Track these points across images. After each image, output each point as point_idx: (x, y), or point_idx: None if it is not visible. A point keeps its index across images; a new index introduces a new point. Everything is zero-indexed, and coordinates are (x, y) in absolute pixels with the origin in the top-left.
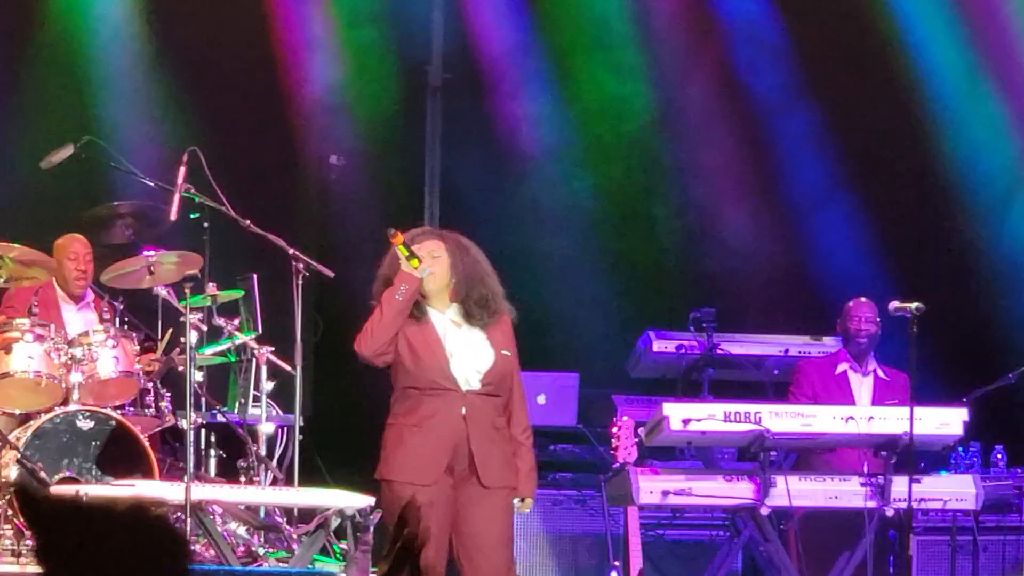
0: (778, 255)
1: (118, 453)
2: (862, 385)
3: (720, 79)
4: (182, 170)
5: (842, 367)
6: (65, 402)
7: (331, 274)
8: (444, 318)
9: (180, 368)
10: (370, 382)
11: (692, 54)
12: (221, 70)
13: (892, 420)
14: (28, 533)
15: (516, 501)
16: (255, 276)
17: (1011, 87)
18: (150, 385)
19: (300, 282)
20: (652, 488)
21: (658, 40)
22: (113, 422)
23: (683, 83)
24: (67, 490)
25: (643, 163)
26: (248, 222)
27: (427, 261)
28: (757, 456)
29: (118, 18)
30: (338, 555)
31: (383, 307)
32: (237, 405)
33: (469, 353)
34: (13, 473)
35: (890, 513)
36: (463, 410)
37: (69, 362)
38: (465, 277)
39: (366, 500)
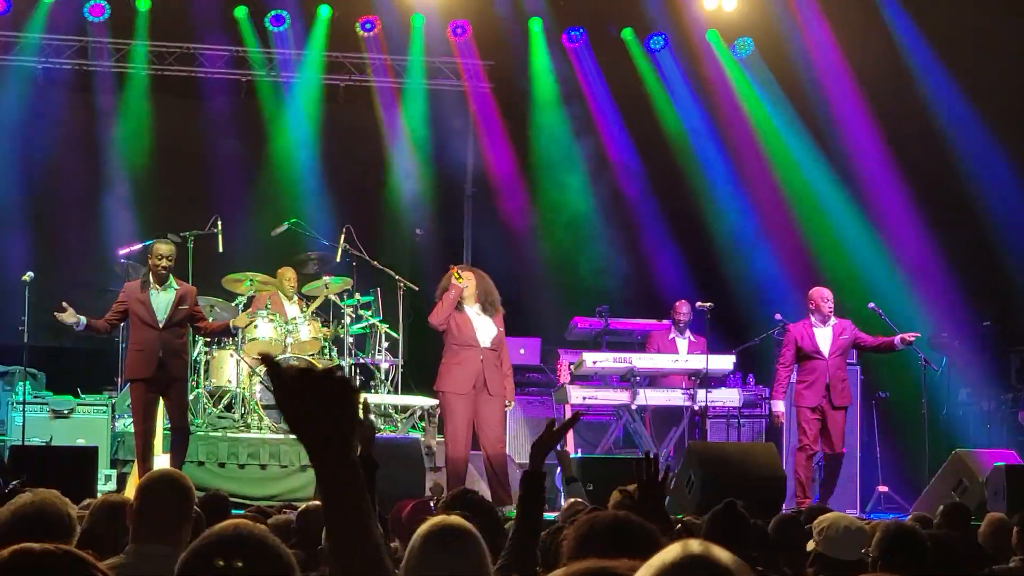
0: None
1: None
2: (685, 343)
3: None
4: (342, 235)
5: (672, 335)
6: (283, 352)
7: (416, 288)
8: (471, 310)
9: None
10: (432, 342)
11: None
12: (357, 181)
13: (697, 360)
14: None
15: (506, 403)
16: (378, 289)
17: None
18: (327, 343)
19: (401, 292)
20: (577, 395)
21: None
22: (307, 362)
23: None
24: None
25: (585, 234)
26: (375, 261)
27: (466, 280)
28: (629, 379)
29: (309, 156)
30: (420, 428)
31: (443, 302)
32: (371, 354)
33: (484, 328)
34: (257, 389)
35: (697, 408)
36: (480, 357)
37: (285, 332)
38: (482, 291)
39: (433, 401)
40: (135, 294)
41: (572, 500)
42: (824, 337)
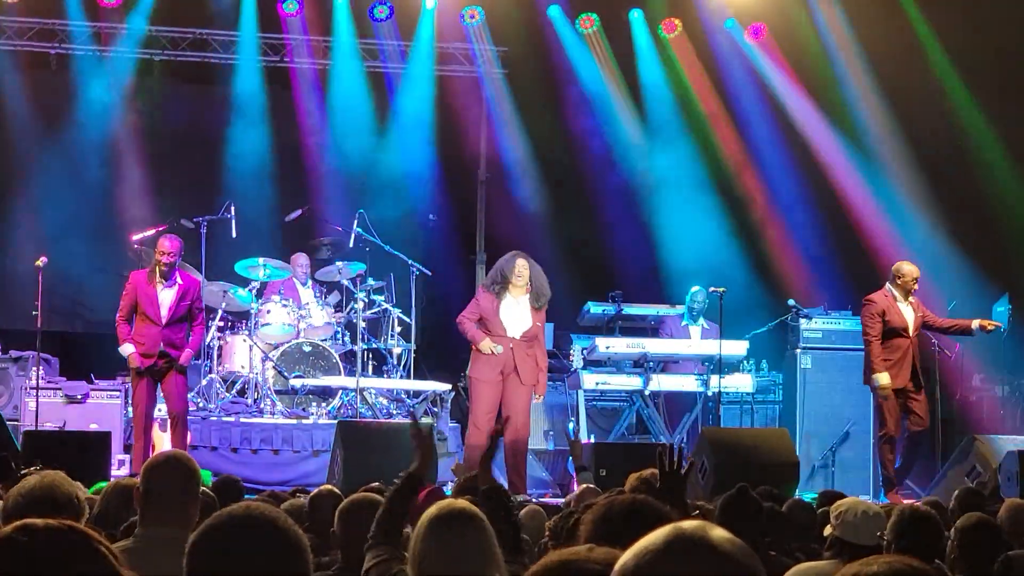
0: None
1: (322, 362)
2: (698, 330)
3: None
4: (355, 221)
5: (684, 322)
6: (297, 336)
7: (430, 273)
8: (513, 300)
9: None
10: (445, 327)
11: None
12: (370, 167)
13: (710, 346)
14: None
15: (535, 395)
16: (392, 274)
17: None
18: (340, 327)
19: (414, 278)
20: (590, 380)
21: None
22: (320, 347)
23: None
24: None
25: (599, 219)
26: (388, 247)
27: (520, 270)
28: (642, 365)
29: (321, 142)
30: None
31: (471, 335)
32: (384, 339)
33: (517, 320)
34: (270, 375)
35: (710, 393)
36: (511, 346)
37: (299, 316)
38: (536, 284)
39: (446, 386)
40: (142, 286)
41: (584, 486)
42: (908, 313)
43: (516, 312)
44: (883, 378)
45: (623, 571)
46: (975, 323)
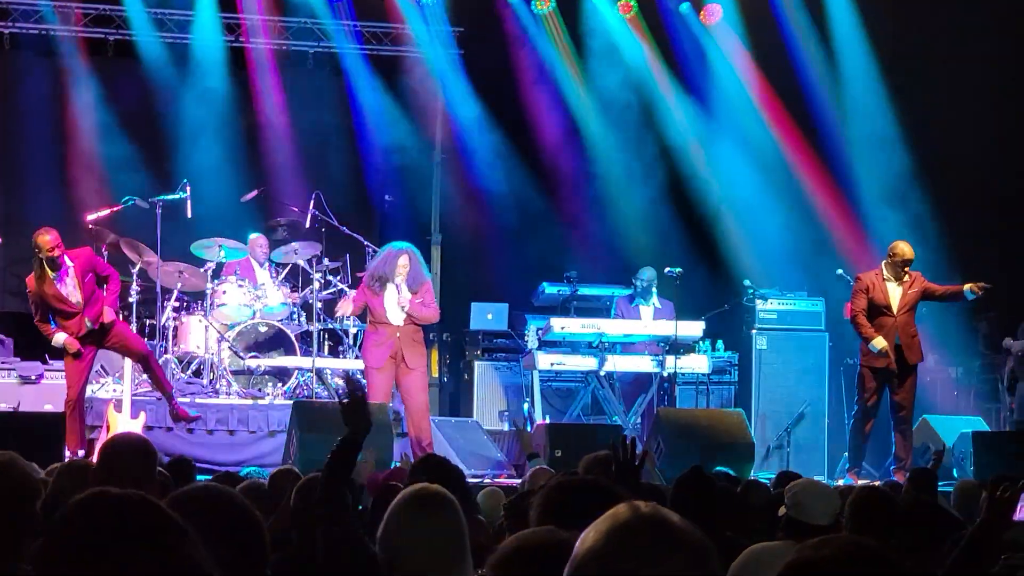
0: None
1: (278, 343)
2: (650, 310)
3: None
4: (311, 202)
5: (636, 302)
6: (253, 316)
7: None
8: (392, 290)
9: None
10: None
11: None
12: (326, 148)
13: (666, 327)
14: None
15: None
16: (348, 255)
17: None
18: (296, 308)
19: (370, 258)
20: (545, 361)
21: None
22: (276, 327)
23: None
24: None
25: (555, 199)
26: (344, 227)
27: (400, 267)
28: (597, 345)
29: (278, 122)
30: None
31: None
32: (340, 319)
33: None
34: (226, 355)
35: (666, 374)
36: (397, 334)
37: (255, 296)
38: (411, 278)
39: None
40: (40, 289)
41: (537, 467)
42: (895, 293)
43: (396, 300)
44: (879, 342)
45: (586, 551)
46: (966, 287)
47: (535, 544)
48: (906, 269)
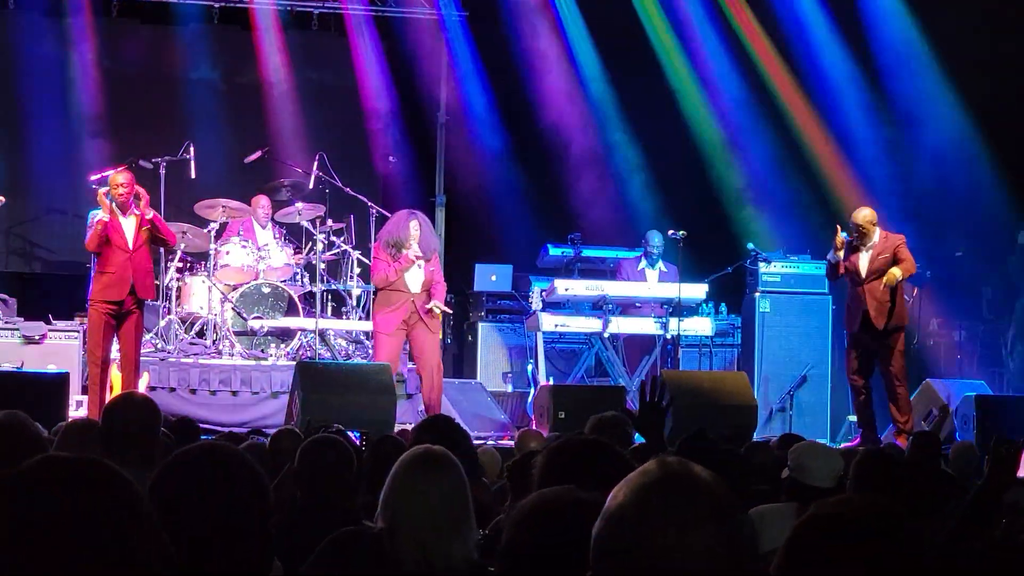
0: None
1: (282, 303)
2: (655, 274)
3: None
4: (315, 162)
5: (641, 266)
6: (256, 277)
7: (389, 215)
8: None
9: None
10: None
11: None
12: (329, 109)
13: (670, 289)
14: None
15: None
16: (352, 216)
17: None
18: (299, 269)
19: (373, 219)
20: (549, 322)
21: None
22: (279, 287)
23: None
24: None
25: (559, 161)
26: (347, 188)
27: (413, 231)
28: (601, 307)
29: (282, 83)
30: None
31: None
32: (343, 280)
33: (415, 274)
34: (229, 316)
35: (669, 336)
36: (412, 300)
37: (258, 257)
38: (424, 244)
39: None
40: (101, 219)
41: (524, 429)
42: (863, 259)
43: (412, 269)
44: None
45: (617, 505)
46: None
47: (555, 502)
48: (863, 232)
